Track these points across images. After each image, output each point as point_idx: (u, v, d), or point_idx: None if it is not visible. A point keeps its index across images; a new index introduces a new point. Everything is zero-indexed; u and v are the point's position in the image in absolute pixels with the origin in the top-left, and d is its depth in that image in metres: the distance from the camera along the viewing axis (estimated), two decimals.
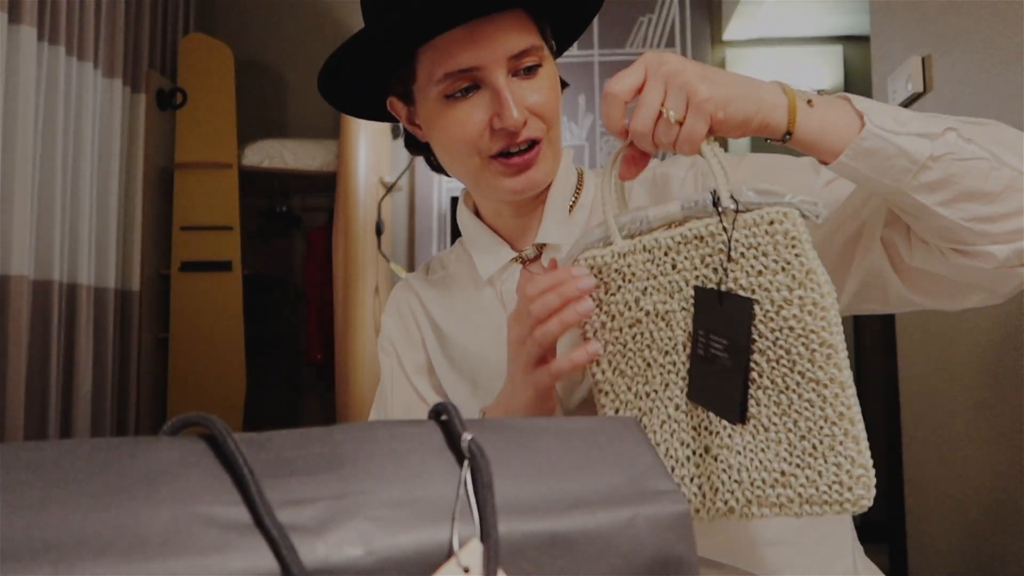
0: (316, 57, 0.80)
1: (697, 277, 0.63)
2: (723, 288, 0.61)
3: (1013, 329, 1.40)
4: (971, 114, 1.50)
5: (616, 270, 0.66)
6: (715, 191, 0.62)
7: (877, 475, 0.58)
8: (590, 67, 3.33)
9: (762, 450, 0.59)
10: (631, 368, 0.66)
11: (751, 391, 0.60)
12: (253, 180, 3.27)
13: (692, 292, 0.63)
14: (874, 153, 0.65)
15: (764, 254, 0.60)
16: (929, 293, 0.74)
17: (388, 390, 0.97)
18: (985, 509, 1.50)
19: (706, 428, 0.62)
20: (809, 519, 0.84)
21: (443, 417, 0.43)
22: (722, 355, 0.60)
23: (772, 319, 0.60)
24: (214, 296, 3.09)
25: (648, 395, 0.65)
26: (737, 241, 0.61)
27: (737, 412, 0.59)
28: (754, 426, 0.60)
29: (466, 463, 0.40)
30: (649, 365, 0.65)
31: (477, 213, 0.95)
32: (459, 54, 0.79)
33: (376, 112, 0.94)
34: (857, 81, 3.48)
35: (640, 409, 0.65)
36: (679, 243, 0.64)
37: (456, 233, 3.64)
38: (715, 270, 0.62)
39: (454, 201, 3.38)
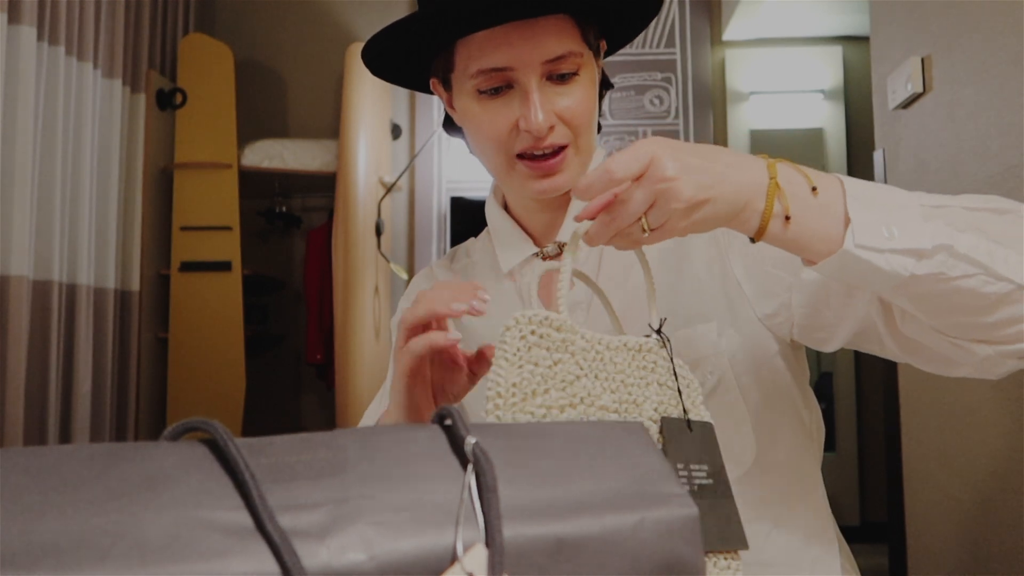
0: (316, 57, 0.80)
1: (636, 383, 0.64)
2: (688, 416, 0.64)
3: None
4: (970, 115, 1.50)
5: (562, 339, 0.62)
6: (661, 320, 0.68)
7: (877, 476, 0.59)
8: None
9: None
10: None
11: None
12: (253, 180, 3.27)
13: (627, 393, 0.63)
14: (850, 269, 0.62)
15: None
16: (919, 358, 0.73)
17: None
18: (985, 509, 1.50)
19: None
20: (802, 544, 0.85)
21: (446, 421, 0.43)
22: (708, 482, 0.60)
23: None
24: (214, 296, 3.08)
25: None
26: (659, 364, 0.66)
27: (743, 536, 0.59)
28: None
29: (470, 467, 0.40)
30: None
31: (506, 206, 0.96)
32: (493, 52, 0.79)
33: (419, 83, 0.94)
34: (857, 81, 3.48)
35: None
36: (615, 348, 0.65)
37: (455, 234, 3.62)
38: (649, 384, 0.65)
39: (454, 201, 3.37)
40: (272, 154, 3.21)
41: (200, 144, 3.14)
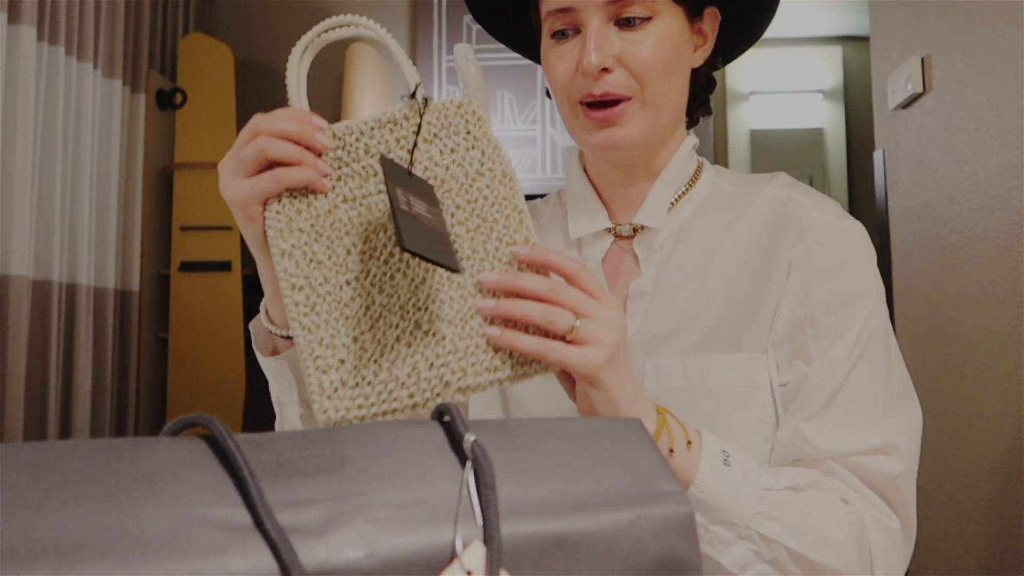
0: (316, 57, 0.80)
1: (392, 159, 0.65)
2: (412, 170, 0.65)
3: (1013, 329, 1.40)
4: (970, 115, 1.50)
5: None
6: (416, 86, 0.67)
7: None
8: None
9: (472, 316, 0.61)
10: (329, 257, 0.64)
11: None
12: None
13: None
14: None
15: (456, 132, 0.66)
16: None
17: None
18: (985, 509, 1.50)
19: (414, 305, 0.62)
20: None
21: (445, 418, 0.43)
22: (425, 215, 0.61)
23: (467, 191, 0.65)
24: (214, 296, 3.08)
25: (348, 283, 0.63)
26: (431, 123, 0.66)
27: (455, 260, 0.60)
28: (461, 294, 0.62)
29: (468, 464, 0.40)
30: (348, 252, 0.64)
31: (587, 171, 0.92)
32: None
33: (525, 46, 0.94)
34: (857, 81, 3.48)
35: (340, 300, 0.63)
36: (372, 128, 0.66)
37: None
38: (409, 151, 0.66)
39: None
40: None
41: (200, 144, 3.14)
